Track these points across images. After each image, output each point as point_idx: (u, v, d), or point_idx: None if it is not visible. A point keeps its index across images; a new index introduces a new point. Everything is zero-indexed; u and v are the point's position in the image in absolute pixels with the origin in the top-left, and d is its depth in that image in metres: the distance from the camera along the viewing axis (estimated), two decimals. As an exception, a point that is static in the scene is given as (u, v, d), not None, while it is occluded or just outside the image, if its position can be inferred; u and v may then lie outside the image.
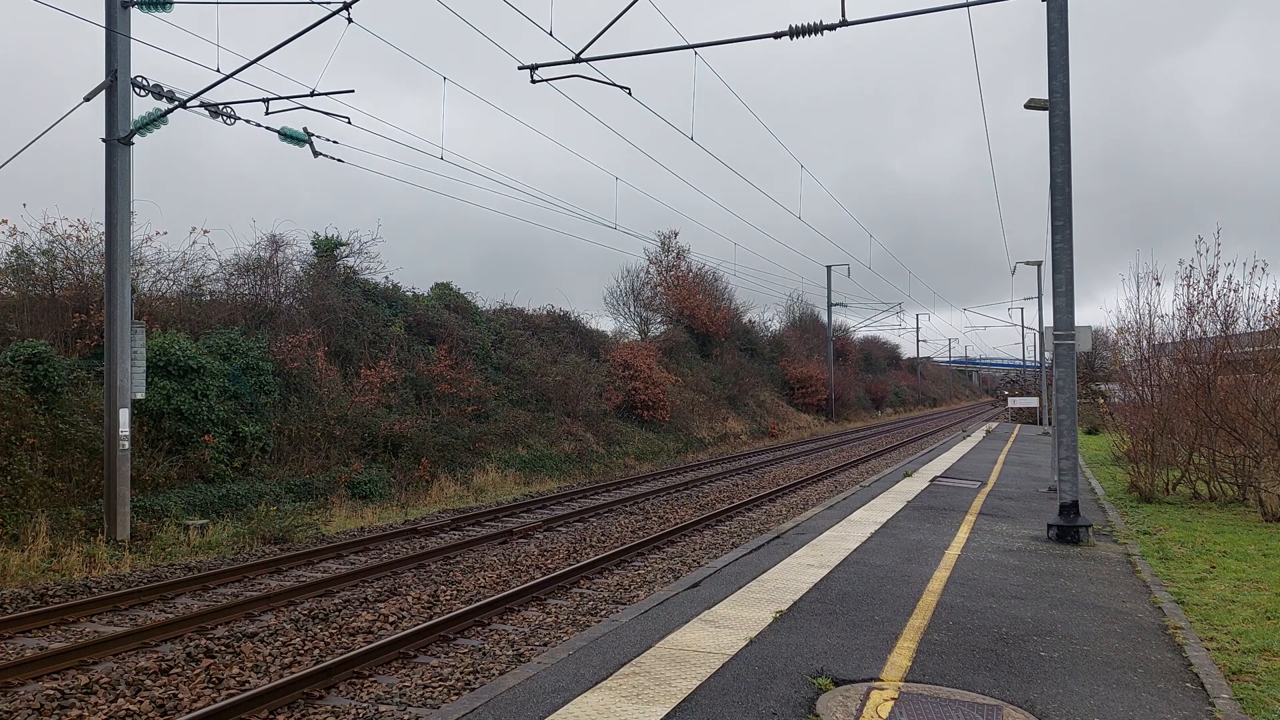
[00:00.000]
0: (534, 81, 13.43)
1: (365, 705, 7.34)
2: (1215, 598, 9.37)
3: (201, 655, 8.52)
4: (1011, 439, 37.44)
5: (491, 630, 9.69)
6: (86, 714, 7.12)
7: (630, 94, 13.86)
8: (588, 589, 11.67)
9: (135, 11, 14.45)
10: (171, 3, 14.12)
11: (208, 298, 21.08)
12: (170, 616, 10.10)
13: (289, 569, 12.80)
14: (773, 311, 74.34)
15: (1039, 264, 35.30)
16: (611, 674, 6.42)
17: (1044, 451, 29.35)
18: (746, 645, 7.13)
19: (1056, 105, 12.32)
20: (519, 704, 5.82)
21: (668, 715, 5.59)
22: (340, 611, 10.28)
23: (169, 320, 18.74)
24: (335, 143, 15.14)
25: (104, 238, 14.58)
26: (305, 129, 14.82)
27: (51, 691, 7.47)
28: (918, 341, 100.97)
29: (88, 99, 13.87)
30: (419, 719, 7.02)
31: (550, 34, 13.14)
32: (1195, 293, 18.23)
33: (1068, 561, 11.04)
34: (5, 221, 17.81)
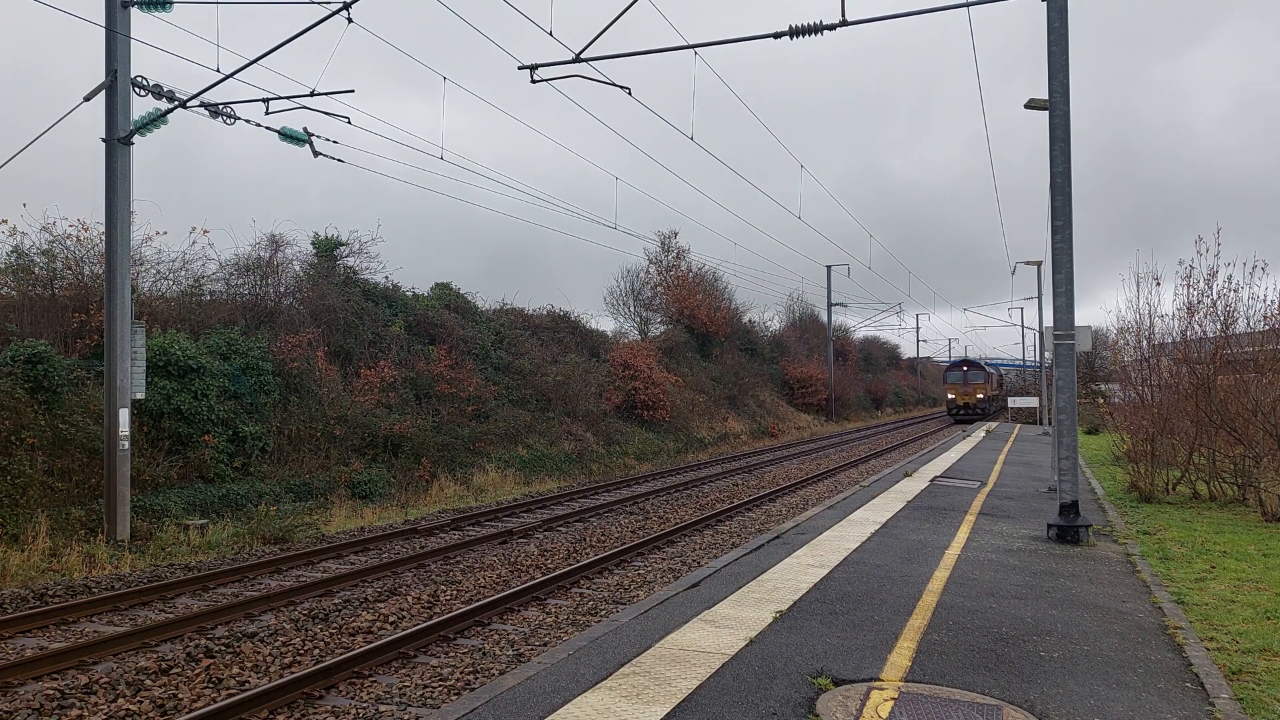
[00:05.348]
0: (534, 81, 13.43)
1: (365, 705, 7.34)
2: (1215, 598, 9.37)
3: (201, 655, 8.52)
4: (1011, 439, 37.43)
5: (491, 630, 9.69)
6: (86, 714, 7.12)
7: (630, 94, 13.87)
8: (588, 589, 11.66)
9: (135, 11, 14.45)
10: (171, 3, 14.12)
11: (208, 298, 21.08)
12: (170, 616, 10.10)
13: (289, 569, 12.80)
14: (773, 311, 74.34)
15: (1039, 264, 35.27)
16: (611, 674, 6.42)
17: (1044, 451, 29.35)
18: (746, 645, 7.13)
19: (1056, 105, 12.32)
20: (519, 704, 5.82)
21: (668, 715, 5.59)
22: (340, 611, 10.28)
23: (169, 320, 18.74)
24: (335, 143, 15.16)
25: (104, 238, 14.58)
26: (305, 129, 14.82)
27: (51, 691, 7.47)
28: (918, 341, 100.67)
29: (88, 99, 13.86)
30: (419, 719, 7.02)
31: (550, 34, 13.14)
32: (1195, 293, 18.24)
33: (1068, 561, 11.04)
34: (5, 221, 17.83)
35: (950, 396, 62.77)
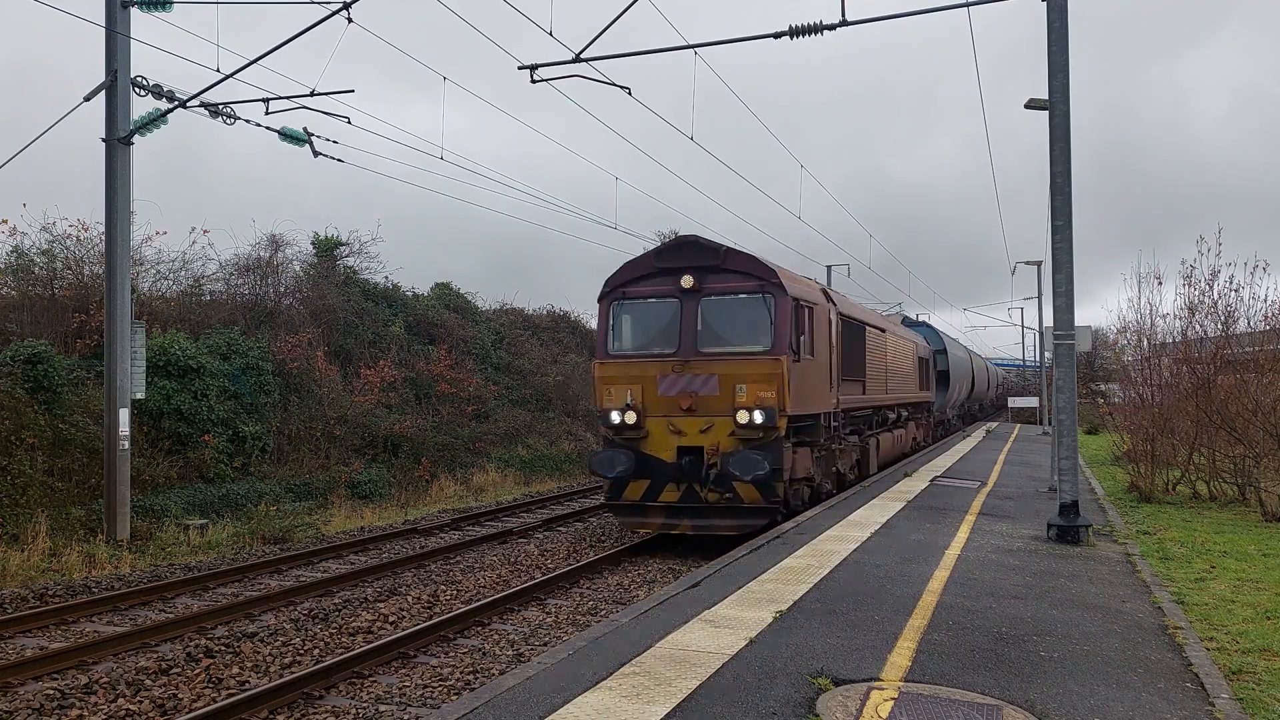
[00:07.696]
0: (534, 81, 13.42)
1: (365, 705, 7.33)
2: (1215, 598, 9.37)
3: (201, 655, 8.52)
4: (1011, 439, 37.43)
5: (491, 630, 9.69)
6: (86, 714, 7.12)
7: (630, 94, 13.86)
8: (588, 589, 11.66)
9: (135, 11, 14.45)
10: (171, 2, 14.13)
11: (208, 297, 21.11)
12: (170, 616, 10.10)
13: (289, 569, 12.80)
14: (773, 311, 73.85)
15: (1039, 264, 35.31)
16: (611, 674, 6.41)
17: (1044, 451, 29.33)
18: (746, 645, 7.13)
19: (1056, 105, 12.31)
20: (519, 704, 5.82)
21: (668, 715, 5.59)
22: (340, 611, 10.28)
23: (169, 320, 18.76)
24: (335, 143, 15.16)
25: (104, 238, 14.59)
26: (305, 129, 14.82)
27: (51, 691, 7.47)
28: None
29: (88, 99, 13.86)
30: (419, 719, 7.02)
31: (550, 34, 13.12)
32: (1196, 292, 18.25)
33: (1068, 561, 11.03)
34: (5, 221, 17.86)
35: (612, 416, 13.17)
